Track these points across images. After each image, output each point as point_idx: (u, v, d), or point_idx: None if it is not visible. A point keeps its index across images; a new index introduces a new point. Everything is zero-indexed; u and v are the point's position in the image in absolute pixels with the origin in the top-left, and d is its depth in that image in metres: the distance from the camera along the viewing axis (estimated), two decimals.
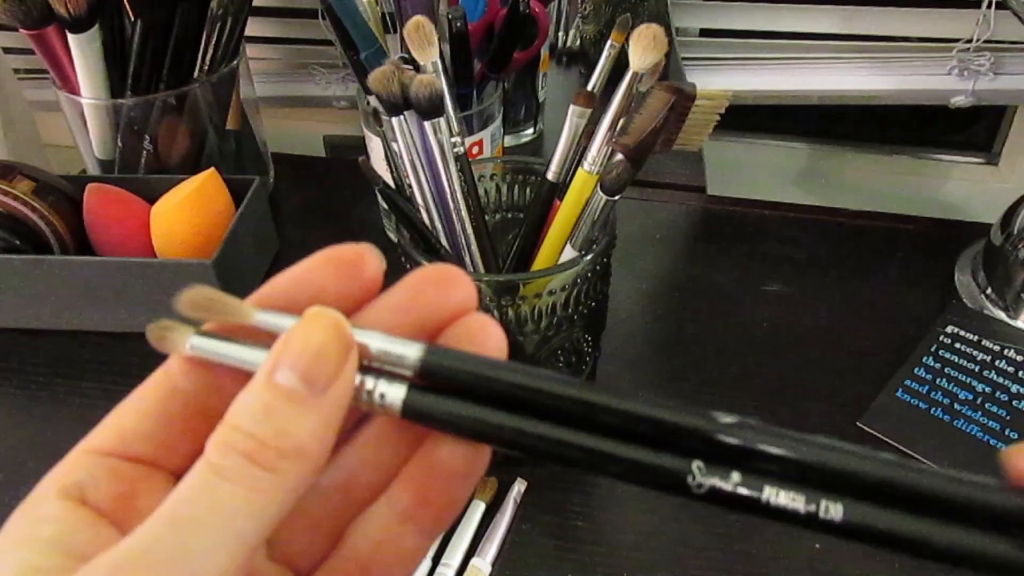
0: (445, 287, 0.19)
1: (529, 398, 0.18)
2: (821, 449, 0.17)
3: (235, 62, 0.59)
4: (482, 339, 0.19)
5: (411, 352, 0.19)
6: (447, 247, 0.42)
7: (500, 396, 0.19)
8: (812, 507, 0.17)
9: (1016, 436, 0.44)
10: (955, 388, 0.47)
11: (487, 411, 0.19)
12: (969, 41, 0.60)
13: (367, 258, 0.20)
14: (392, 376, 0.19)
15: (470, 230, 0.42)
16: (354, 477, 0.20)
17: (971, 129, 0.71)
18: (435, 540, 0.20)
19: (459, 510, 0.20)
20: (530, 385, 0.19)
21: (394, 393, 0.19)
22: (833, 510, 0.17)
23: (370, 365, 0.19)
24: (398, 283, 0.20)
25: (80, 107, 0.56)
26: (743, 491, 0.17)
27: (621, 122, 0.38)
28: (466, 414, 0.19)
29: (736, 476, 0.17)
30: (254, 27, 0.70)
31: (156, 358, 0.19)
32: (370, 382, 0.19)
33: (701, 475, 0.18)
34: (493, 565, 0.39)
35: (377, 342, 0.19)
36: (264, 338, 0.18)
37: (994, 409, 0.45)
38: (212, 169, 0.54)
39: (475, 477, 0.20)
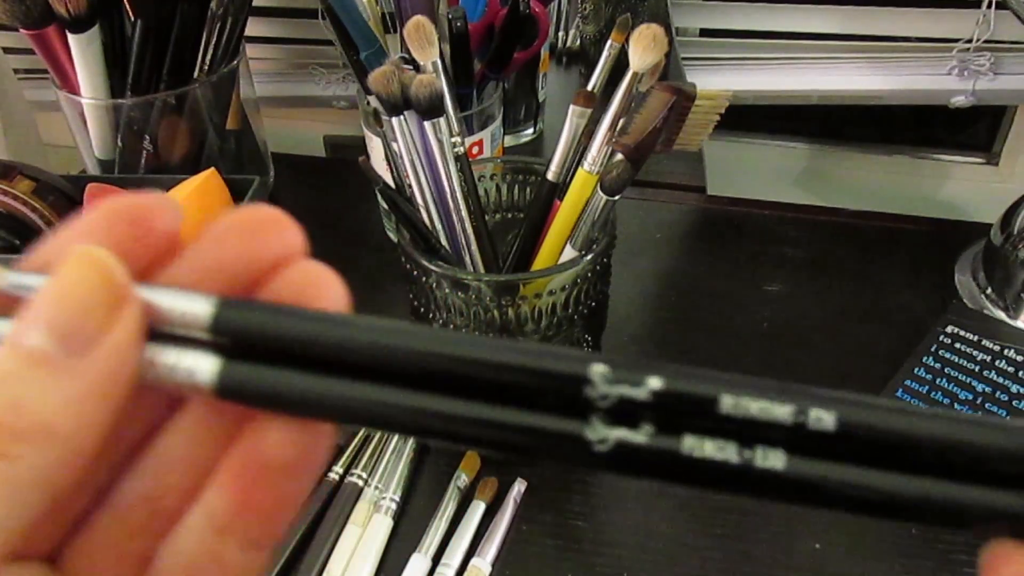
0: (261, 234, 0.16)
1: (374, 357, 0.15)
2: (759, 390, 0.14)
3: (235, 62, 0.59)
4: (313, 293, 0.15)
5: (201, 308, 0.15)
6: (447, 247, 0.42)
7: (337, 359, 0.15)
8: (747, 454, 0.14)
9: None
10: (955, 388, 0.47)
11: (320, 379, 0.15)
12: (969, 41, 0.60)
13: (158, 210, 0.15)
14: (202, 345, 0.15)
15: (470, 230, 0.42)
16: (162, 483, 0.15)
17: (971, 129, 0.71)
18: (269, 551, 0.16)
19: (293, 512, 0.16)
20: (369, 341, 0.15)
21: (204, 366, 0.15)
22: (773, 457, 0.14)
23: (171, 332, 0.15)
24: (201, 235, 0.16)
25: (80, 107, 0.56)
26: (658, 444, 0.14)
27: (621, 122, 0.38)
28: (292, 386, 0.15)
29: (649, 427, 0.14)
30: (254, 27, 0.70)
31: None
32: (171, 354, 0.15)
33: (603, 426, 0.14)
34: (493, 565, 0.39)
35: (167, 299, 0.15)
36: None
37: (994, 409, 0.45)
38: (212, 169, 0.54)
39: (311, 469, 0.16)
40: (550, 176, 0.42)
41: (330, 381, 0.15)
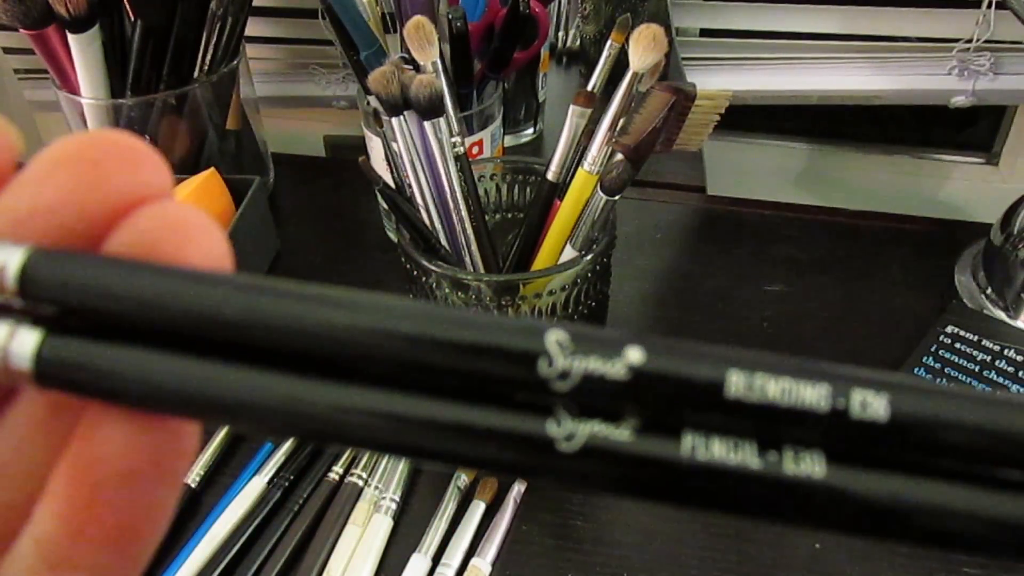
0: (102, 168, 0.11)
1: (249, 330, 0.11)
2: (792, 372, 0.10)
3: (235, 62, 0.59)
4: (174, 244, 0.11)
5: (11, 258, 0.11)
6: (447, 247, 0.42)
7: (197, 331, 0.11)
8: (772, 457, 0.10)
9: None
10: None
11: (170, 359, 0.11)
12: (969, 41, 0.60)
13: None
14: (21, 315, 0.11)
15: (470, 230, 0.42)
16: None
17: (971, 129, 0.71)
18: None
19: (154, 533, 0.12)
20: (243, 307, 0.11)
21: (23, 342, 0.11)
22: (809, 461, 0.10)
23: None
24: (21, 174, 0.12)
25: (80, 107, 0.56)
26: (647, 445, 0.10)
27: (621, 122, 0.38)
28: (130, 366, 0.11)
29: (635, 420, 0.10)
30: (254, 27, 0.70)
31: None
32: None
33: (570, 419, 0.10)
34: (493, 565, 0.39)
35: None
36: None
37: None
38: (212, 169, 0.54)
39: (167, 476, 0.12)
40: (550, 176, 0.42)
41: (185, 361, 0.11)
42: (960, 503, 0.10)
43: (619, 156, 0.37)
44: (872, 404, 0.10)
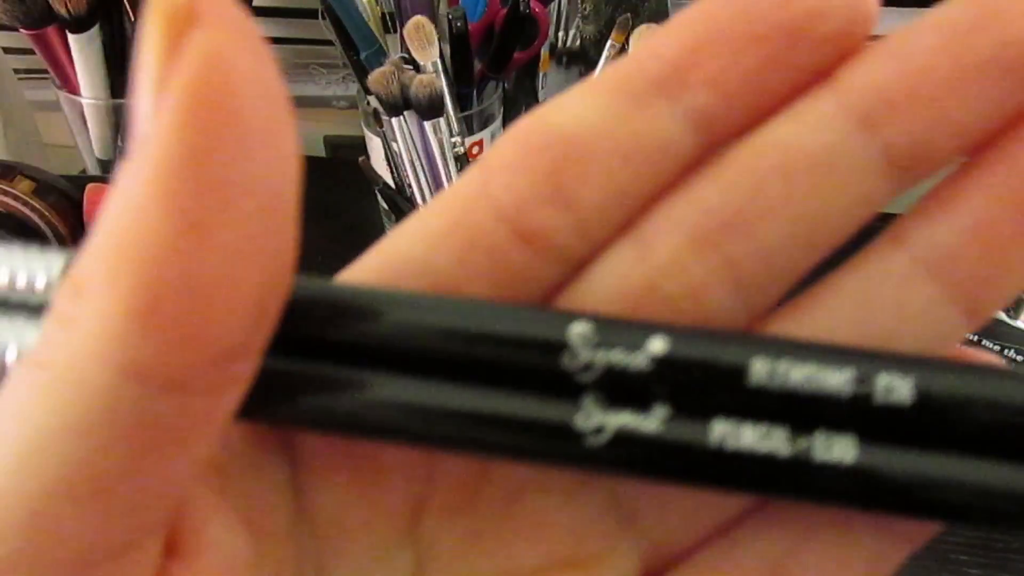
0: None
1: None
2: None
3: None
4: None
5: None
6: None
7: None
8: (802, 443, 0.10)
9: None
10: None
11: None
12: None
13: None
14: None
15: None
16: None
17: None
18: None
19: None
20: None
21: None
22: (840, 446, 0.10)
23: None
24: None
25: (80, 107, 0.56)
26: (677, 433, 0.10)
27: None
28: None
29: (663, 408, 0.11)
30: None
31: None
32: None
33: (598, 410, 0.11)
34: None
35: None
36: None
37: None
38: None
39: None
40: None
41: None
42: (993, 479, 0.10)
43: None
44: (897, 388, 0.10)
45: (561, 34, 0.84)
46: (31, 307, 0.12)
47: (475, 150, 0.55)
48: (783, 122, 0.12)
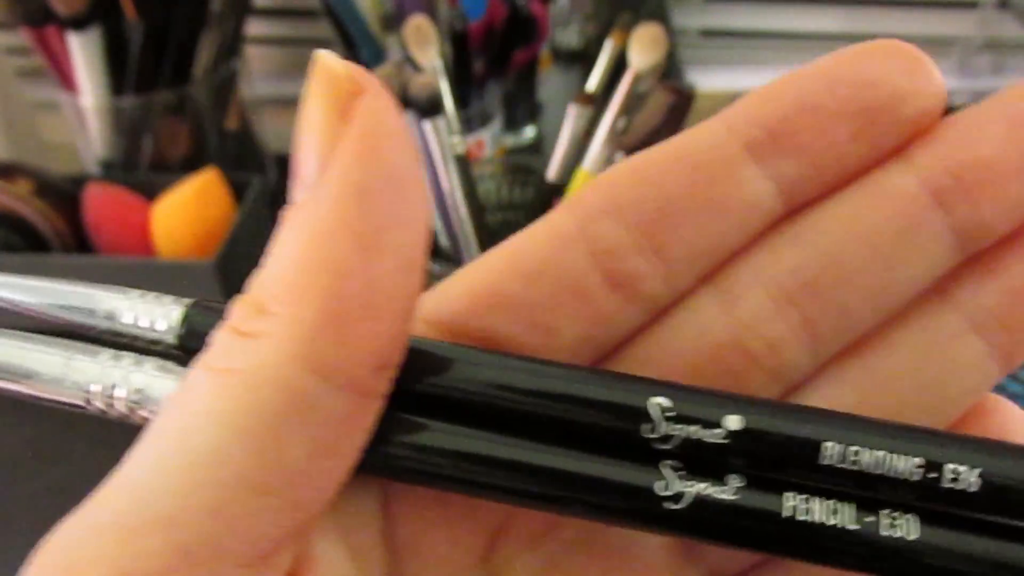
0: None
1: None
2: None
3: (235, 62, 0.59)
4: None
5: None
6: (447, 247, 0.42)
7: None
8: (869, 519, 0.11)
9: None
10: None
11: None
12: (969, 41, 0.60)
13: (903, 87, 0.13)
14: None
15: (470, 230, 0.42)
16: None
17: None
18: None
19: None
20: None
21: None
22: (903, 525, 0.11)
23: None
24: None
25: (80, 107, 0.56)
26: (752, 502, 0.11)
27: (621, 122, 0.38)
28: None
29: (738, 480, 0.11)
30: (254, 27, 0.70)
31: None
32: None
33: (677, 477, 0.11)
34: None
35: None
36: None
37: None
38: (212, 169, 0.54)
39: None
40: (550, 176, 0.42)
41: None
42: None
43: (619, 156, 0.36)
44: (964, 476, 0.11)
45: (561, 34, 0.84)
46: (137, 349, 0.13)
47: (475, 150, 0.55)
48: (863, 192, 0.13)
